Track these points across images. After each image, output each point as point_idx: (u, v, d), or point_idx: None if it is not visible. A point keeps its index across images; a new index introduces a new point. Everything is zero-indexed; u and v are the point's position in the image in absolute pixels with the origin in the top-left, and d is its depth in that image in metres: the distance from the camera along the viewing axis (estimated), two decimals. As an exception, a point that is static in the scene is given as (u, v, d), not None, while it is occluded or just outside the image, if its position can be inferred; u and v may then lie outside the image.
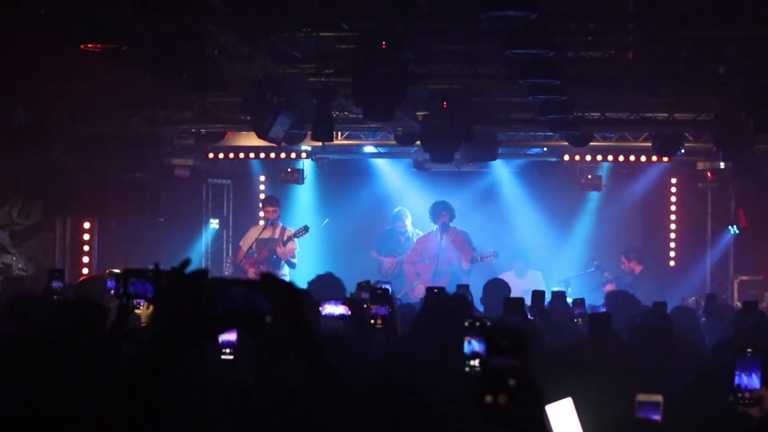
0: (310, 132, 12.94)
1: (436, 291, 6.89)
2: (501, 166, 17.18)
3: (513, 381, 2.04)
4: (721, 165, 16.16)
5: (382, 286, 6.74)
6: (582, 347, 5.87)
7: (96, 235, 15.47)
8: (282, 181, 17.41)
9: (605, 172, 17.23)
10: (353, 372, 2.77)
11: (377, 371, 4.43)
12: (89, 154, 14.79)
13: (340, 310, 5.88)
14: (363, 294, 6.97)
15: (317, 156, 17.25)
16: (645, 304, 9.42)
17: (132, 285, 3.80)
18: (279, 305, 2.38)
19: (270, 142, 12.90)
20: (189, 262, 2.44)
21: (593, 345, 5.90)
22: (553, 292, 10.00)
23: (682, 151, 14.94)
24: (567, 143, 15.05)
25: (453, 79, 12.14)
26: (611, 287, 13.98)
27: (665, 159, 15.78)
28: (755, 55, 10.80)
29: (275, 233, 15.21)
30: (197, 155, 16.51)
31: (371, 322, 5.92)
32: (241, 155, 16.53)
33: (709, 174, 16.97)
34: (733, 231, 16.69)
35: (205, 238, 17.71)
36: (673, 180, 17.57)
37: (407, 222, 16.10)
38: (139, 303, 5.89)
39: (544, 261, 16.14)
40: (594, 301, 11.13)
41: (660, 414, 3.87)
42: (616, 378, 4.92)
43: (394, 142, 15.55)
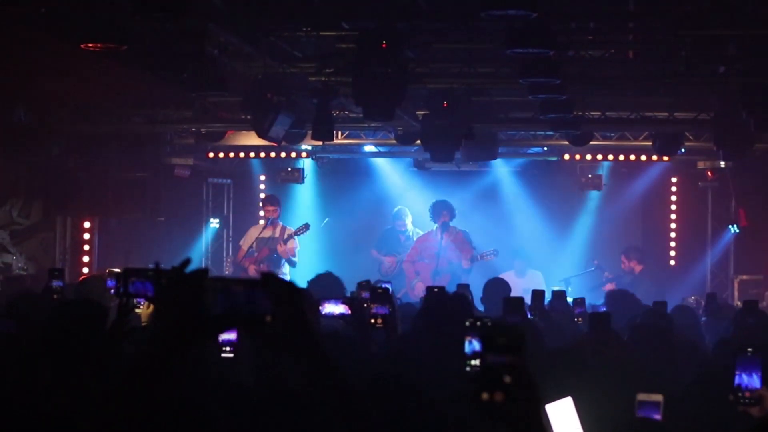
0: (310, 131, 12.93)
1: (436, 290, 6.87)
2: (501, 165, 17.15)
3: (509, 378, 2.04)
4: (722, 164, 16.15)
5: (382, 285, 6.75)
6: (582, 347, 5.88)
7: (96, 235, 15.46)
8: (282, 181, 17.40)
9: (605, 171, 17.21)
10: (353, 371, 2.77)
11: (377, 371, 4.42)
12: (89, 153, 14.80)
13: (340, 309, 5.89)
14: (363, 293, 6.97)
15: (317, 155, 17.24)
16: (645, 303, 9.41)
17: (132, 284, 3.80)
18: (279, 304, 2.38)
19: (270, 141, 12.90)
20: (189, 261, 2.44)
21: (593, 344, 5.91)
22: (553, 291, 10.01)
23: (682, 151, 14.94)
24: (567, 142, 15.05)
25: (453, 79, 12.15)
26: (611, 286, 13.96)
27: (665, 158, 15.77)
28: (755, 54, 10.79)
29: (275, 232, 15.20)
30: (197, 155, 16.50)
31: (371, 321, 5.93)
32: (242, 155, 16.53)
33: (710, 173, 16.95)
34: (734, 230, 16.67)
35: (206, 237, 17.69)
36: (674, 179, 17.54)
37: (407, 221, 16.09)
38: (140, 302, 5.89)
39: (544, 260, 16.12)
40: (594, 301, 11.15)
41: (660, 413, 3.87)
42: (616, 377, 4.92)
43: (394, 141, 15.55)
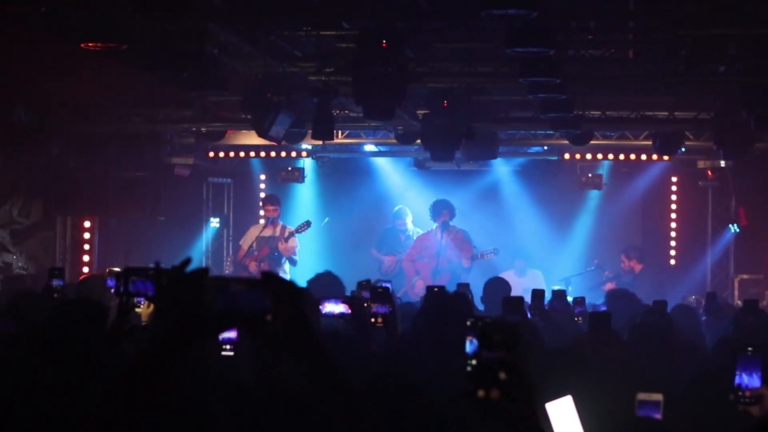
0: (310, 131, 12.93)
1: (436, 290, 6.86)
2: (501, 164, 17.15)
3: (504, 375, 2.04)
4: (722, 163, 16.15)
5: (382, 284, 6.75)
6: (582, 346, 5.87)
7: (96, 234, 15.47)
8: (282, 180, 17.40)
9: (605, 170, 17.20)
10: (353, 371, 2.77)
11: (377, 370, 4.42)
12: (89, 152, 14.80)
13: (340, 308, 5.88)
14: (363, 293, 6.97)
15: (318, 155, 17.23)
16: (645, 302, 9.41)
17: (132, 283, 3.79)
18: (279, 304, 2.38)
19: (270, 140, 12.90)
20: (189, 260, 2.43)
21: (593, 343, 5.90)
22: (554, 290, 10.01)
23: (682, 150, 14.93)
24: (567, 142, 15.05)
25: (453, 78, 12.15)
26: (611, 286, 13.95)
27: (665, 157, 15.76)
28: (755, 54, 10.80)
29: (276, 232, 15.20)
30: (197, 154, 16.50)
31: (371, 320, 5.92)
32: (242, 154, 16.53)
33: (710, 172, 16.95)
34: (734, 229, 16.66)
35: (206, 236, 17.70)
36: (674, 178, 17.54)
37: (407, 220, 16.09)
38: (140, 301, 5.87)
39: (544, 260, 16.12)
40: (594, 300, 11.14)
41: (660, 412, 3.87)
42: (616, 376, 4.92)
43: (394, 140, 15.56)
